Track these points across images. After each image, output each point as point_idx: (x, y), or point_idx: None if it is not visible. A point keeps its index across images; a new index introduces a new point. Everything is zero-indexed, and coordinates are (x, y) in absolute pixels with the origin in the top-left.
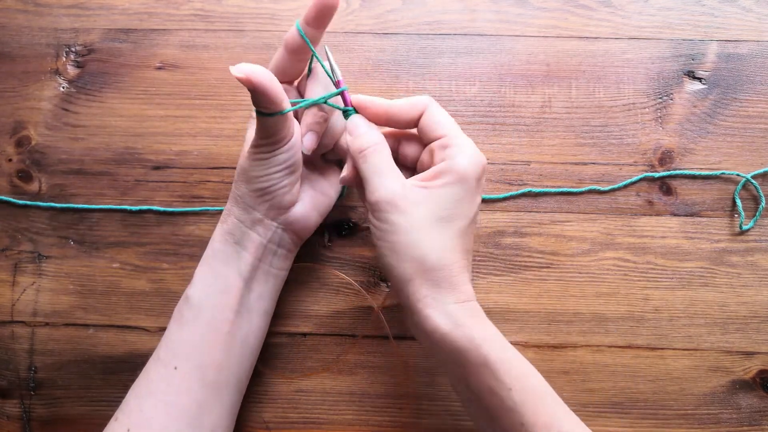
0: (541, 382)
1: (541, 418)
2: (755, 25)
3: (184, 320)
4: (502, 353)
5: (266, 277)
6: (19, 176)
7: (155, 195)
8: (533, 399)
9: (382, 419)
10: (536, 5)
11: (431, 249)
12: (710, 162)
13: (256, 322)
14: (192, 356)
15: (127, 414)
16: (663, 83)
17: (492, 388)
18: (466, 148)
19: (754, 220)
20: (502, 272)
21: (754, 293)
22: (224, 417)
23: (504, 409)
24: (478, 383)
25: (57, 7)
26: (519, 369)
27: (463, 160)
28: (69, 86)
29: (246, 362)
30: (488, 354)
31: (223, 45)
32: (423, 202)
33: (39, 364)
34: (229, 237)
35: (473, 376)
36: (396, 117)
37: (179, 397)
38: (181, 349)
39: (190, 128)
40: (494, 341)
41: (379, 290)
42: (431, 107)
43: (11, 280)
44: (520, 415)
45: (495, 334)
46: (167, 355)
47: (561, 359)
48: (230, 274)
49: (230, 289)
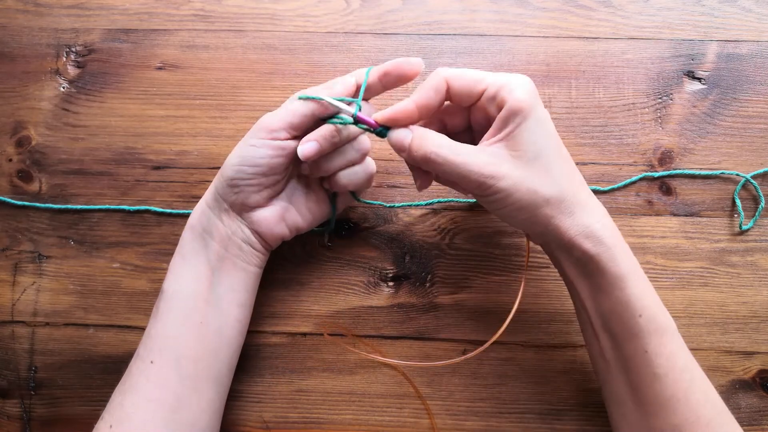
0: (668, 316)
1: (666, 349)
2: (755, 25)
3: (159, 313)
4: (638, 279)
5: (235, 269)
6: (19, 176)
7: (155, 195)
8: (660, 330)
9: (382, 419)
10: (536, 5)
11: (549, 188)
12: (710, 162)
13: (230, 313)
14: (166, 349)
15: (111, 411)
16: (663, 83)
17: (621, 312)
18: (509, 84)
19: (754, 220)
20: (502, 272)
21: (753, 293)
22: (205, 411)
23: (630, 333)
24: (610, 304)
25: (57, 8)
26: (650, 299)
27: (517, 95)
28: (69, 86)
29: (223, 355)
30: (626, 277)
31: (223, 45)
32: (512, 155)
33: (39, 364)
34: (197, 225)
35: (606, 297)
36: (427, 108)
37: (157, 391)
38: (156, 342)
39: (190, 128)
40: (634, 269)
41: (379, 290)
42: (451, 76)
43: (11, 280)
44: (645, 342)
45: (634, 262)
46: (144, 351)
47: (561, 359)
48: (199, 263)
49: (200, 278)
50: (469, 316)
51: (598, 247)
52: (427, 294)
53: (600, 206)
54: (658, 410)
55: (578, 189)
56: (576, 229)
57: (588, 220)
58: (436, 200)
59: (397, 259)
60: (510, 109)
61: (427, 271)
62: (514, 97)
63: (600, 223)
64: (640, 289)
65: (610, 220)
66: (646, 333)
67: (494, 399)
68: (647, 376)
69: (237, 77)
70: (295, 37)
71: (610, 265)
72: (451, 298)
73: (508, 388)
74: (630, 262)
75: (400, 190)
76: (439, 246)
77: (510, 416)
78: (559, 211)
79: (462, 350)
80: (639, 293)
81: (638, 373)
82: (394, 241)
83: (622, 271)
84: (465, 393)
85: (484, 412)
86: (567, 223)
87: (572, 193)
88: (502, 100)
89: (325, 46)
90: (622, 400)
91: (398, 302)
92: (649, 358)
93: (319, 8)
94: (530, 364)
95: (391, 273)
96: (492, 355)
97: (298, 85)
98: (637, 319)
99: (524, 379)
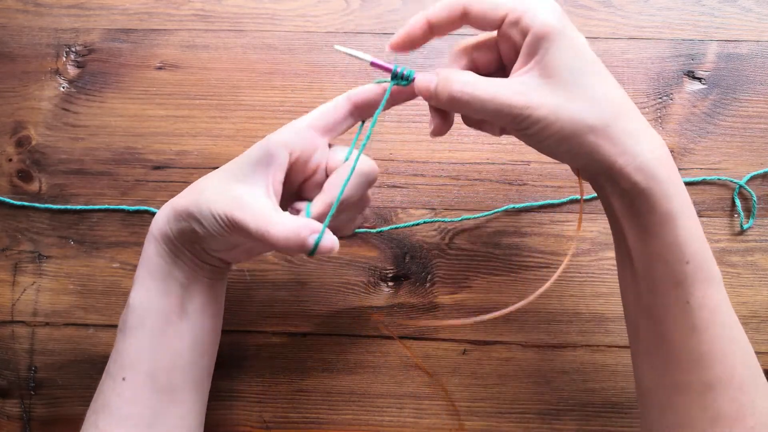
0: (715, 264)
1: (710, 302)
2: (755, 25)
3: (128, 328)
4: (689, 220)
5: (205, 286)
6: (19, 176)
7: (155, 195)
8: (707, 280)
9: (382, 419)
10: None
11: (591, 113)
12: (710, 162)
13: (204, 325)
14: (139, 364)
15: (85, 430)
16: (663, 83)
17: (668, 257)
18: (532, 7)
19: (751, 221)
20: (502, 272)
21: (753, 293)
22: (184, 417)
23: (674, 281)
24: (656, 246)
25: (57, 7)
26: (700, 243)
27: (541, 18)
28: (69, 86)
29: (200, 364)
30: (677, 216)
31: (223, 45)
32: (546, 83)
33: (39, 364)
34: (164, 247)
35: (653, 238)
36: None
37: (131, 408)
38: (128, 358)
39: (190, 128)
40: (686, 208)
41: (379, 290)
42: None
43: (11, 280)
44: (689, 292)
45: (686, 200)
46: (115, 367)
47: (561, 359)
48: (168, 280)
49: (170, 293)
50: (469, 316)
51: (649, 180)
52: (427, 294)
53: (654, 136)
54: (691, 366)
55: (627, 114)
56: (625, 158)
57: (639, 149)
58: (422, 220)
59: (397, 259)
60: (535, 34)
61: (427, 271)
62: (539, 21)
63: (653, 153)
64: (691, 232)
65: (666, 151)
66: (692, 282)
67: (494, 399)
68: (685, 328)
69: (237, 77)
70: (295, 37)
71: (662, 202)
72: (451, 298)
73: (508, 388)
74: (682, 200)
75: (400, 190)
76: (439, 246)
77: (510, 416)
78: (605, 138)
79: (462, 350)
80: (689, 236)
81: (675, 324)
82: (394, 241)
83: (674, 209)
84: (465, 393)
85: (484, 412)
86: (615, 152)
87: (619, 118)
88: (525, 26)
89: (325, 46)
90: (651, 351)
91: (398, 302)
92: (690, 309)
93: (319, 8)
94: (530, 364)
95: (391, 273)
96: (492, 355)
97: (299, 85)
98: (684, 266)
99: (524, 379)
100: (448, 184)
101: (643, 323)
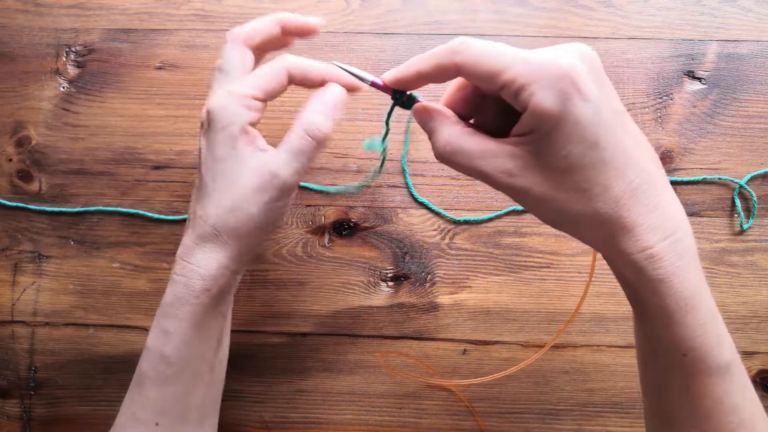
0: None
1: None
2: (755, 25)
3: (164, 378)
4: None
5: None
6: (19, 176)
7: (155, 195)
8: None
9: (382, 419)
10: (536, 5)
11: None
12: (710, 162)
13: (227, 339)
14: (174, 410)
15: None
16: (663, 83)
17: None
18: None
19: (751, 220)
20: (502, 272)
21: (753, 293)
22: None
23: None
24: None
25: (57, 7)
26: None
27: (537, 99)
28: (69, 86)
29: (223, 377)
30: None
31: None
32: (537, 164)
33: (39, 364)
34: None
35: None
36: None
37: None
38: (162, 405)
39: (190, 128)
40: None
41: (379, 290)
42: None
43: (11, 280)
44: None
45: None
46: (146, 414)
47: (561, 359)
48: (215, 327)
49: (213, 333)
50: (469, 316)
51: (639, 278)
52: (427, 294)
53: (662, 223)
54: None
55: (627, 204)
56: (614, 252)
57: (631, 246)
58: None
59: (397, 259)
60: (533, 115)
61: (427, 271)
62: (536, 103)
63: (652, 250)
64: (690, 328)
65: (672, 241)
66: (691, 374)
67: (494, 399)
68: (686, 412)
69: None
70: None
71: (653, 299)
72: (451, 298)
73: (507, 388)
74: (682, 293)
75: (400, 190)
76: (439, 246)
77: (510, 416)
78: (596, 231)
79: (462, 350)
80: (687, 333)
81: (678, 409)
82: (394, 241)
83: (668, 305)
84: (465, 393)
85: (485, 412)
86: (604, 246)
87: (617, 214)
88: (523, 102)
89: (325, 46)
90: (659, 421)
91: (398, 302)
92: (690, 396)
93: (319, 8)
94: (530, 364)
95: (391, 273)
96: (492, 355)
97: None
98: (680, 358)
99: (524, 379)
100: (448, 184)
101: (649, 396)
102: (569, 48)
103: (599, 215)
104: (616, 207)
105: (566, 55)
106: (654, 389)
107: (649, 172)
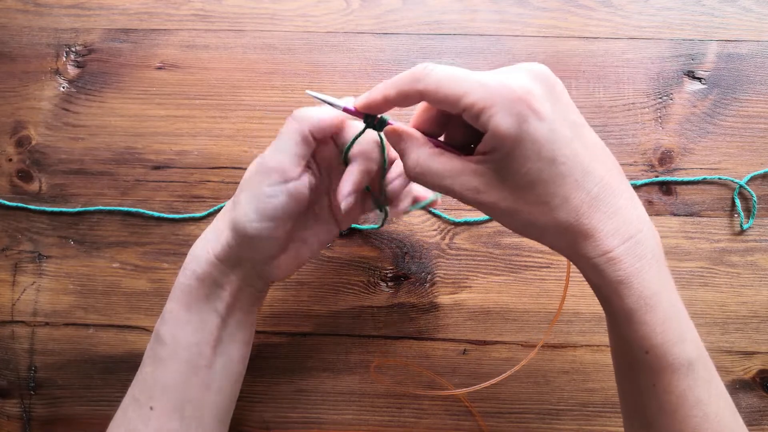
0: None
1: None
2: (755, 25)
3: (159, 359)
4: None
5: (242, 313)
6: (19, 176)
7: (155, 195)
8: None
9: (382, 419)
10: (536, 5)
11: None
12: (710, 162)
13: (236, 352)
14: (169, 395)
15: None
16: (663, 83)
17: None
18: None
19: (751, 220)
20: (502, 272)
21: (753, 293)
22: None
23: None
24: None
25: (57, 7)
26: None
27: (495, 123)
28: (69, 86)
29: (228, 390)
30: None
31: (223, 45)
32: (500, 180)
33: (39, 364)
34: (206, 277)
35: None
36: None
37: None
38: (156, 388)
39: (190, 128)
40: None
41: (379, 290)
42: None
43: (11, 280)
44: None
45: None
46: (143, 395)
47: (561, 359)
48: (206, 313)
49: (206, 326)
50: (469, 316)
51: (600, 280)
52: (427, 294)
53: (617, 233)
54: None
55: (588, 212)
56: (577, 257)
57: (591, 249)
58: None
59: (397, 259)
60: (492, 136)
61: (427, 271)
62: (494, 125)
63: (611, 253)
64: (650, 326)
65: (631, 244)
66: (654, 370)
67: (494, 399)
68: (653, 408)
69: (237, 77)
70: (295, 37)
71: (613, 299)
72: (451, 298)
73: (508, 388)
74: (642, 295)
75: None
76: (439, 246)
77: (510, 416)
78: (559, 238)
79: (462, 350)
80: (647, 331)
81: (648, 406)
82: (394, 241)
83: (629, 306)
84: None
85: (485, 412)
86: (569, 252)
87: (578, 222)
88: (483, 124)
89: (325, 46)
90: (632, 417)
91: (398, 302)
92: (656, 392)
93: (319, 8)
94: (530, 364)
95: (390, 273)
96: (492, 355)
97: (298, 85)
98: (642, 355)
99: (524, 379)
100: None
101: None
102: (523, 68)
103: (561, 224)
104: (576, 216)
105: (520, 77)
106: (625, 388)
107: (607, 181)
